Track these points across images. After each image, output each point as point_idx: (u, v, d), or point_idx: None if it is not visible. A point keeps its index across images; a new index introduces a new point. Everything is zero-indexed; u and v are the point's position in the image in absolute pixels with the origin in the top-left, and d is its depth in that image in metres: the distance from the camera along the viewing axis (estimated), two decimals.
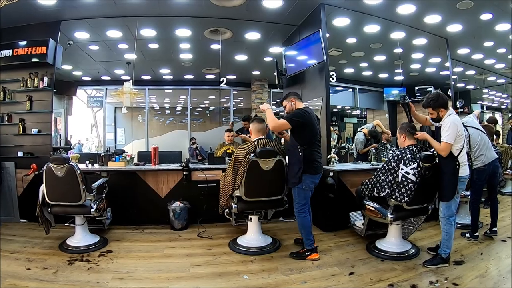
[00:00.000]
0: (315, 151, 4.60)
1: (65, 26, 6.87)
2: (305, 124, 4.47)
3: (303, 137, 4.48)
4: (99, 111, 12.73)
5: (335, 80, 7.05)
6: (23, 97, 6.61)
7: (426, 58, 9.73)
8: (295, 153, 4.48)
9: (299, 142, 4.47)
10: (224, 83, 8.54)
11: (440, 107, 4.36)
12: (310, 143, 4.52)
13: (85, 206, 4.76)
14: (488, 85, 13.34)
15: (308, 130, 4.50)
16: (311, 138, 4.55)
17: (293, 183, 4.54)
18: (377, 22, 7.16)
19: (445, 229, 4.36)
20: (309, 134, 4.52)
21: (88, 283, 3.80)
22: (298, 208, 4.60)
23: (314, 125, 4.56)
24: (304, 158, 4.43)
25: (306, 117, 4.48)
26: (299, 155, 4.44)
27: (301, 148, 4.44)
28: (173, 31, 7.61)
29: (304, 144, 4.46)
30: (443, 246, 4.34)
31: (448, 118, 4.30)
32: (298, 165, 4.44)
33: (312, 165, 4.52)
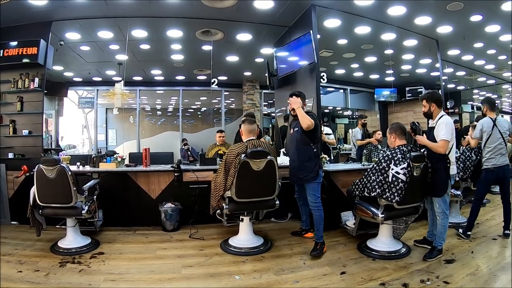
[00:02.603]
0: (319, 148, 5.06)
1: (56, 27, 6.85)
2: (318, 125, 4.97)
3: (317, 136, 4.95)
4: (90, 112, 12.69)
5: (326, 81, 7.06)
6: (14, 98, 6.57)
7: (417, 59, 9.81)
8: (309, 150, 4.81)
9: (313, 141, 4.82)
10: (216, 84, 8.53)
11: (433, 102, 4.69)
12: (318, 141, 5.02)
13: (76, 207, 4.73)
14: (478, 86, 13.46)
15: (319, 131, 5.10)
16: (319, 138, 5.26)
17: (312, 177, 4.78)
18: (368, 23, 7.21)
19: (443, 223, 4.55)
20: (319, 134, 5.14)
21: (80, 285, 3.78)
22: (317, 202, 4.84)
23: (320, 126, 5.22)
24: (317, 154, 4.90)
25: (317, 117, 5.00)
26: (314, 151, 4.81)
27: (315, 145, 4.83)
28: (165, 32, 7.61)
29: (317, 142, 4.90)
30: (440, 239, 4.53)
31: (442, 119, 4.55)
32: (314, 160, 4.80)
33: (320, 161, 5.03)
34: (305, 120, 4.60)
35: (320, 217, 4.81)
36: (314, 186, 4.82)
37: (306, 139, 4.79)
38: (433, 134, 4.55)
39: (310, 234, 5.35)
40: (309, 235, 5.43)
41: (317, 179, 4.81)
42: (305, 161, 4.80)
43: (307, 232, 5.53)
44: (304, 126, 4.60)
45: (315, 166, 4.79)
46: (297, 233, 5.62)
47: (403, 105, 12.05)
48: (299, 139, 4.85)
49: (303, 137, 4.79)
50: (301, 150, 4.85)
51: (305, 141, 4.80)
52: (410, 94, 11.63)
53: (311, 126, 4.59)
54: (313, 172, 4.76)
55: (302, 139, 4.81)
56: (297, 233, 5.61)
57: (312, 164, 4.77)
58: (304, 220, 5.60)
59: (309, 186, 4.83)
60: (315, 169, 4.77)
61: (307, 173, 4.78)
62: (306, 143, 4.80)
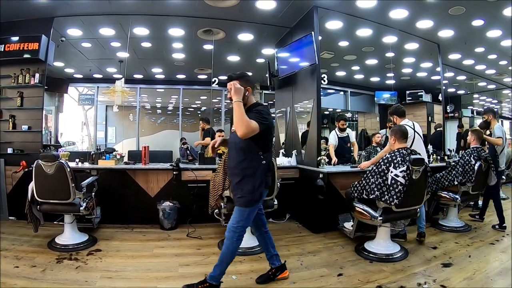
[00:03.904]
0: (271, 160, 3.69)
1: (58, 23, 6.84)
2: (270, 127, 3.51)
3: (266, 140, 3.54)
4: (90, 109, 12.65)
5: (327, 83, 7.05)
6: (14, 93, 6.57)
7: (418, 62, 9.81)
8: (255, 161, 3.44)
9: (262, 147, 3.46)
10: (216, 84, 8.52)
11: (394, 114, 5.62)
12: (270, 149, 3.63)
13: (74, 204, 4.73)
14: (479, 91, 13.45)
15: (271, 133, 3.66)
16: (271, 144, 3.73)
17: (247, 201, 3.45)
18: (369, 26, 7.21)
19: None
20: (271, 138, 3.72)
21: (77, 281, 3.79)
22: (240, 232, 3.51)
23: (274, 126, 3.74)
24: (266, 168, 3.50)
25: (271, 118, 3.53)
26: (261, 164, 3.45)
27: (263, 154, 3.47)
28: (166, 30, 7.60)
29: (267, 149, 3.53)
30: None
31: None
32: (260, 176, 3.43)
33: (268, 178, 3.60)
34: (239, 124, 3.21)
35: (232, 252, 3.53)
36: (246, 212, 3.48)
37: (251, 143, 3.39)
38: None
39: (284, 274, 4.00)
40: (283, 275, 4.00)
41: (254, 203, 3.49)
42: (248, 176, 3.43)
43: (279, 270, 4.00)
44: (239, 133, 3.21)
45: (260, 186, 3.43)
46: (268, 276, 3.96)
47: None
48: (241, 143, 3.44)
49: (247, 141, 3.36)
50: (242, 159, 3.47)
51: (249, 146, 3.42)
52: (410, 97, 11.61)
53: (249, 134, 3.22)
54: (254, 195, 3.42)
55: (246, 144, 3.41)
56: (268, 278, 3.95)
57: (256, 183, 3.41)
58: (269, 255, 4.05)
59: (241, 210, 3.49)
60: (259, 191, 3.44)
61: (242, 194, 3.44)
62: (250, 151, 3.44)
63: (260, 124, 3.26)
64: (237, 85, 3.35)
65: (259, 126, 3.25)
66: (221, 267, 3.51)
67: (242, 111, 3.24)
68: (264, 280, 3.90)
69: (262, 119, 3.30)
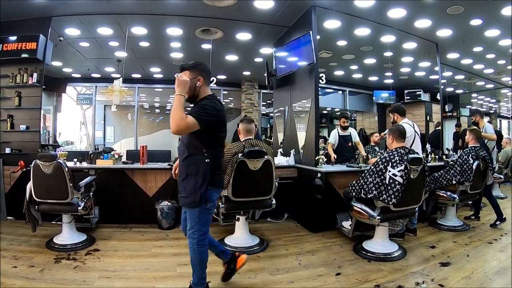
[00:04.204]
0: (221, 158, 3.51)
1: (56, 22, 6.82)
2: (218, 123, 3.23)
3: (212, 138, 3.23)
4: (88, 108, 12.66)
5: (325, 82, 7.07)
6: (12, 93, 6.55)
7: (416, 62, 9.83)
8: (198, 159, 3.18)
9: (206, 144, 3.18)
10: (214, 83, 8.52)
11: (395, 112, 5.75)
12: (221, 145, 3.43)
13: (72, 204, 4.73)
14: (477, 90, 13.48)
15: (220, 130, 3.29)
16: (222, 140, 3.39)
17: (191, 202, 3.19)
18: (367, 25, 7.21)
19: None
20: (221, 134, 3.33)
21: (75, 281, 3.78)
22: (199, 237, 3.29)
23: (226, 123, 3.40)
24: (211, 167, 3.21)
25: (221, 113, 3.25)
26: (205, 163, 3.17)
27: (208, 152, 3.19)
28: (164, 29, 7.59)
29: (212, 146, 3.23)
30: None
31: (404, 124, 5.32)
32: (202, 176, 3.15)
33: (219, 176, 3.41)
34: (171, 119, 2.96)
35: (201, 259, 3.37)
36: (195, 214, 3.24)
37: (194, 139, 3.18)
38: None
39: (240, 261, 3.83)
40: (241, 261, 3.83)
41: (202, 204, 3.17)
42: (190, 175, 3.19)
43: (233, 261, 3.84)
44: (172, 129, 2.95)
45: (202, 185, 3.14)
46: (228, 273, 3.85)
47: None
48: (186, 139, 3.28)
49: (191, 137, 3.20)
50: (185, 156, 3.24)
51: (193, 143, 3.20)
52: (408, 97, 11.66)
53: (182, 130, 3.01)
54: (195, 195, 3.14)
55: (189, 140, 3.22)
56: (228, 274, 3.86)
57: (198, 182, 3.14)
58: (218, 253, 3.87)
59: (191, 213, 3.27)
60: (200, 191, 3.13)
61: (186, 194, 3.20)
62: (194, 147, 3.20)
63: (199, 120, 2.99)
64: (183, 77, 3.12)
65: (198, 122, 2.97)
66: (197, 274, 3.39)
67: (178, 105, 2.99)
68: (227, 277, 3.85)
69: (204, 115, 3.03)
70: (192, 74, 3.22)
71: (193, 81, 3.21)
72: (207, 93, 3.29)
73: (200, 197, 3.13)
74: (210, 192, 3.21)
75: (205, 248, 3.36)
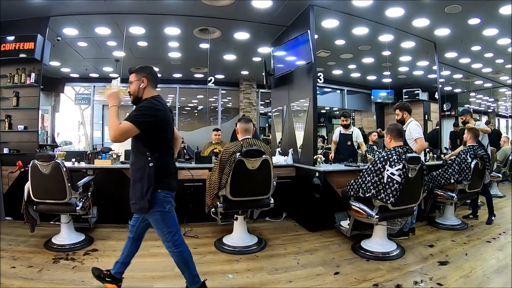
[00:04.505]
0: (170, 159, 3.41)
1: (54, 22, 6.82)
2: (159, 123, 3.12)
3: (154, 139, 3.12)
4: (87, 108, 12.62)
5: (323, 81, 7.08)
6: (10, 93, 6.54)
7: (414, 61, 9.84)
8: (142, 163, 3.09)
9: (149, 147, 3.10)
10: (212, 83, 8.53)
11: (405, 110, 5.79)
12: (166, 147, 3.30)
13: (70, 204, 4.72)
14: (475, 89, 13.51)
15: (163, 130, 3.20)
16: (169, 141, 3.34)
17: (140, 209, 3.13)
18: (365, 24, 7.22)
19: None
20: (164, 135, 3.24)
21: (73, 281, 3.79)
22: (172, 239, 3.23)
23: (170, 123, 3.32)
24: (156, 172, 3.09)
25: (161, 112, 3.16)
26: (149, 167, 3.06)
27: (152, 155, 3.08)
28: (162, 29, 7.59)
29: (155, 149, 3.12)
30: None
31: (412, 123, 5.65)
32: (147, 181, 3.04)
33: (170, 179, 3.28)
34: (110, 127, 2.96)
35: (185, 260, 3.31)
36: (157, 219, 3.18)
37: (138, 143, 3.14)
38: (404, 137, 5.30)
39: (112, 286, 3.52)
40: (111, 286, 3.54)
41: (155, 207, 3.10)
42: (136, 180, 3.12)
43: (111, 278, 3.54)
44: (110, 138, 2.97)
45: (148, 190, 3.03)
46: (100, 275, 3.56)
47: None
48: (132, 143, 3.23)
49: (134, 141, 3.18)
50: (132, 161, 3.22)
51: (137, 147, 3.16)
52: (407, 96, 11.65)
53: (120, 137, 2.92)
54: (143, 202, 3.04)
55: (134, 144, 3.20)
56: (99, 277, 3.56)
57: (144, 187, 3.04)
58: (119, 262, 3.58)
59: (152, 219, 3.24)
60: (147, 197, 3.03)
61: (135, 201, 3.13)
62: (137, 151, 3.16)
63: (135, 123, 2.93)
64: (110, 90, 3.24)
65: (134, 125, 2.92)
66: (187, 274, 3.36)
67: (113, 115, 3.03)
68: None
69: (140, 117, 2.99)
70: (136, 76, 3.28)
71: (138, 82, 3.26)
72: (151, 95, 3.27)
73: (149, 203, 3.04)
74: (160, 195, 3.13)
75: (183, 248, 3.28)
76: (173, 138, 3.42)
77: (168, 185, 3.22)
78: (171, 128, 3.30)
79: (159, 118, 3.10)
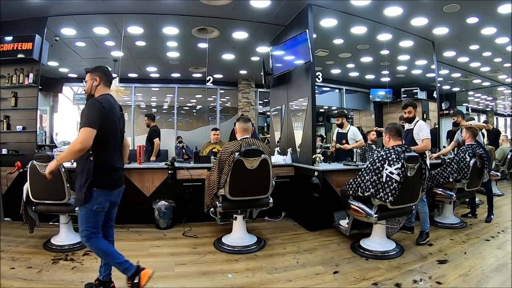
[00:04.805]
0: (114, 157, 3.45)
1: (52, 22, 6.81)
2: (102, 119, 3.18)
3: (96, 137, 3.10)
4: None
5: (322, 81, 7.09)
6: (8, 94, 6.53)
7: (413, 60, 9.84)
8: (83, 158, 3.19)
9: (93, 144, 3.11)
10: (211, 82, 8.53)
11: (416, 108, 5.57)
12: (106, 144, 3.29)
13: (69, 204, 4.70)
14: (474, 88, 13.49)
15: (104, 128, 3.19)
16: (109, 137, 3.32)
17: (77, 200, 3.23)
18: (364, 23, 7.22)
19: (423, 209, 5.23)
20: (107, 131, 3.26)
21: (73, 282, 3.78)
22: (86, 236, 3.23)
23: (114, 122, 3.40)
24: (96, 166, 3.18)
25: (103, 111, 3.20)
26: (89, 161, 3.17)
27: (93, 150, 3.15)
28: (161, 29, 7.58)
29: (95, 144, 3.12)
30: (425, 224, 5.16)
31: (420, 122, 5.45)
32: (86, 175, 3.16)
33: (108, 176, 3.33)
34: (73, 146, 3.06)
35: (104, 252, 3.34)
36: (83, 215, 3.23)
37: None
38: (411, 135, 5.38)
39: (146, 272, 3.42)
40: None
41: (87, 203, 3.18)
42: (78, 172, 3.27)
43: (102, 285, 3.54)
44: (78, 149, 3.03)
45: (85, 183, 3.14)
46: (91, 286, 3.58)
47: (398, 106, 11.96)
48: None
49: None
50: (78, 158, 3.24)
51: None
52: (405, 95, 11.65)
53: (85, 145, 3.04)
54: (80, 193, 3.16)
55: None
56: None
57: (82, 180, 3.18)
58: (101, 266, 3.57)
59: (79, 210, 3.30)
60: (84, 189, 3.13)
61: (76, 192, 3.27)
62: None
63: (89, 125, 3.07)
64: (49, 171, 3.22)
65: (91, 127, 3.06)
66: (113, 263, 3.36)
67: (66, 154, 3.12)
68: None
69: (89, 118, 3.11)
70: (90, 76, 3.47)
71: (91, 81, 3.45)
72: (103, 92, 3.45)
73: (85, 196, 3.14)
74: (95, 193, 3.19)
75: (98, 242, 3.29)
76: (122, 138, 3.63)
77: (107, 184, 3.30)
78: (115, 127, 3.40)
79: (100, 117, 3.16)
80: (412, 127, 5.41)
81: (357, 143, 7.16)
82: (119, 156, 3.56)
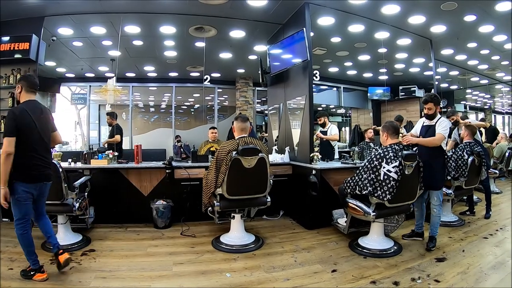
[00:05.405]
0: (34, 156, 3.77)
1: (49, 22, 6.80)
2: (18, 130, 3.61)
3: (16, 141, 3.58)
4: (83, 108, 12.59)
5: (319, 79, 7.07)
6: (5, 94, 6.54)
7: (410, 58, 9.83)
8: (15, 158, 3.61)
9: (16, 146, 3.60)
10: (208, 81, 8.51)
11: (438, 105, 5.15)
12: (19, 144, 3.62)
13: (67, 204, 4.71)
14: (471, 86, 13.51)
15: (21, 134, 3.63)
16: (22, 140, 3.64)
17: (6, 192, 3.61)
18: (361, 21, 7.21)
19: (438, 213, 4.96)
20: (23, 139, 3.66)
21: (71, 282, 3.77)
22: (15, 223, 3.75)
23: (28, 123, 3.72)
24: (16, 164, 3.58)
25: (17, 117, 3.64)
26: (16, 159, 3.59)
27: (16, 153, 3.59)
28: (158, 28, 7.57)
29: (18, 148, 3.59)
30: (435, 229, 4.90)
31: (443, 118, 5.08)
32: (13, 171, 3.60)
33: (27, 172, 3.70)
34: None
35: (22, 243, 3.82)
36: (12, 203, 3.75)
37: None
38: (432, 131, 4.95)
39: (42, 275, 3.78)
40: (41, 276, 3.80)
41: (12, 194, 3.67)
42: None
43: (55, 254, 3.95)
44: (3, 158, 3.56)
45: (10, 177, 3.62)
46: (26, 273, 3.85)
47: (396, 104, 12.07)
48: None
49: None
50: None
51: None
52: (403, 93, 11.67)
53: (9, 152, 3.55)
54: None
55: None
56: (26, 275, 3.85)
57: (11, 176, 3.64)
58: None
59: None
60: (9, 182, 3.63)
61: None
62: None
63: (6, 134, 3.57)
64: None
65: (8, 136, 3.56)
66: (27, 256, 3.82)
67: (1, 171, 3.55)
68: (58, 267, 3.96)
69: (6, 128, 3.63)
70: (17, 85, 3.93)
71: (16, 89, 3.92)
72: (26, 99, 3.88)
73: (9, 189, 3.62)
74: (14, 185, 3.64)
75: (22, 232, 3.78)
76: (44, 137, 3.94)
77: (25, 177, 3.71)
78: (29, 130, 3.73)
79: (13, 126, 3.60)
80: (433, 124, 5.00)
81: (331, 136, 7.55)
82: (40, 153, 3.86)
